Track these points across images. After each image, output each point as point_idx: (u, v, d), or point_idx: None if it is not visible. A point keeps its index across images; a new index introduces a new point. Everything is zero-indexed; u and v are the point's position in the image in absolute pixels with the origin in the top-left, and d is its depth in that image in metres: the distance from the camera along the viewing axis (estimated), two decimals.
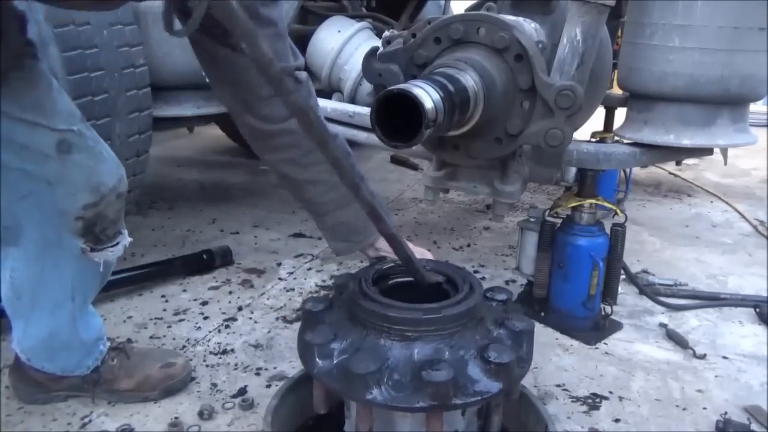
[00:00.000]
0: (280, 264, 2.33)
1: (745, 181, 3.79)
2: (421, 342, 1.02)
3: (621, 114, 2.09)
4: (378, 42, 1.86)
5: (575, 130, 1.63)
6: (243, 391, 1.53)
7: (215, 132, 4.21)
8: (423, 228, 2.79)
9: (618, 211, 1.80)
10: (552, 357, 1.73)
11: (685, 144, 1.72)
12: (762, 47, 1.62)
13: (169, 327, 1.84)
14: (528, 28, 1.54)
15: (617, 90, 2.11)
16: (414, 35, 1.53)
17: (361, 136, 2.04)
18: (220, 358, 1.68)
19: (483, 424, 1.16)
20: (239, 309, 1.97)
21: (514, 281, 2.20)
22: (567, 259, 1.80)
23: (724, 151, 3.22)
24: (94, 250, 1.31)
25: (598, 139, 2.21)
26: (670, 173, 3.90)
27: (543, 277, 1.86)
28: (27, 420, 1.41)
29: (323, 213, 1.41)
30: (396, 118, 1.13)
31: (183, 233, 2.60)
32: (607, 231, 1.80)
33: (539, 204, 3.14)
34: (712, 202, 3.33)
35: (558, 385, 1.59)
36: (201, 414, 1.42)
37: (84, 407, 1.45)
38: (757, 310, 2.00)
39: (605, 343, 1.81)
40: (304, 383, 1.26)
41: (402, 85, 1.13)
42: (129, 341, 1.69)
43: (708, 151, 1.84)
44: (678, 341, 1.80)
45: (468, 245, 2.58)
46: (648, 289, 2.07)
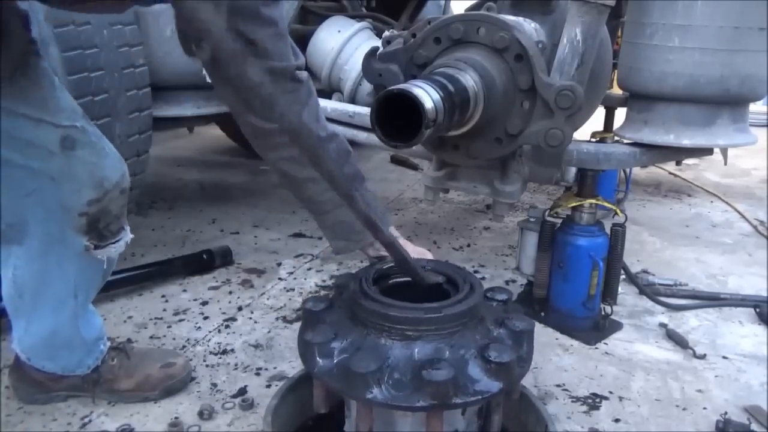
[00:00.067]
0: (280, 264, 2.33)
1: (745, 181, 3.79)
2: (422, 341, 1.02)
3: (621, 114, 2.09)
4: (378, 42, 1.87)
5: (575, 130, 1.63)
6: (243, 391, 1.53)
7: (215, 132, 4.21)
8: (423, 228, 2.79)
9: (618, 211, 1.80)
10: (552, 357, 1.73)
11: (685, 144, 1.72)
12: (762, 47, 1.62)
13: (169, 327, 1.84)
14: (528, 28, 1.54)
15: (617, 90, 2.11)
16: (414, 35, 1.53)
17: (361, 136, 2.04)
18: (220, 358, 1.68)
19: (483, 423, 1.16)
20: (239, 309, 1.97)
21: (514, 281, 2.20)
22: (567, 259, 1.80)
23: (724, 151, 3.22)
24: (97, 247, 1.31)
25: (598, 139, 2.21)
26: (670, 173, 3.90)
27: (543, 277, 1.86)
28: (27, 420, 1.41)
29: (323, 212, 1.41)
30: (396, 118, 1.13)
31: (183, 233, 2.60)
32: (607, 231, 1.80)
33: (539, 204, 3.14)
34: (712, 202, 3.33)
35: (558, 385, 1.59)
36: (201, 414, 1.42)
37: (84, 407, 1.45)
38: (757, 310, 2.00)
39: (605, 343, 1.81)
40: (304, 383, 1.26)
41: (402, 85, 1.13)
42: (129, 341, 1.69)
43: (708, 151, 1.85)
44: (678, 341, 1.80)
45: (468, 245, 2.58)
46: (648, 289, 2.07)
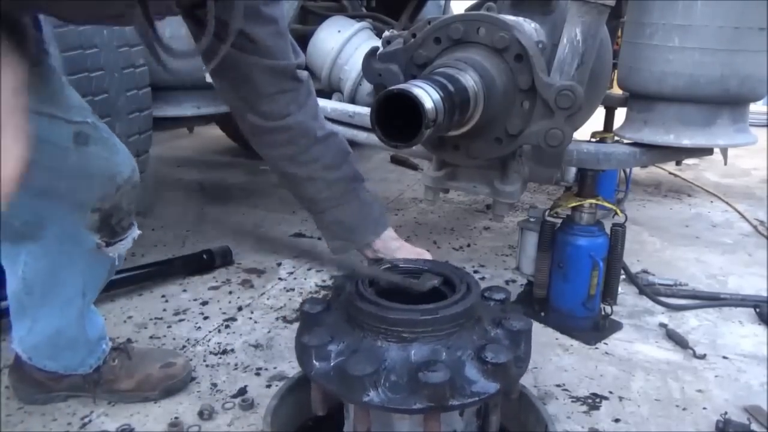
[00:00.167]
0: (280, 264, 2.33)
1: (745, 181, 3.79)
2: (418, 343, 1.01)
3: (621, 114, 2.09)
4: (378, 42, 1.86)
5: (575, 130, 1.63)
6: (243, 391, 1.53)
7: (215, 132, 4.21)
8: (423, 228, 2.79)
9: (618, 211, 1.80)
10: (552, 357, 1.73)
11: (685, 144, 1.72)
12: (762, 47, 1.62)
13: (169, 327, 1.84)
14: (528, 28, 1.54)
15: (617, 90, 2.11)
16: (414, 35, 1.53)
17: (361, 136, 2.03)
18: (220, 358, 1.68)
19: (482, 424, 1.16)
20: (239, 309, 1.97)
21: (514, 281, 2.20)
22: (567, 259, 1.80)
23: (724, 151, 3.22)
24: (108, 244, 1.32)
25: (598, 139, 2.20)
26: (670, 173, 3.90)
27: (543, 277, 1.86)
28: (27, 420, 1.41)
29: (321, 210, 1.42)
30: (396, 118, 1.13)
31: (183, 233, 2.60)
32: (607, 231, 1.80)
33: (539, 204, 3.14)
34: (712, 202, 3.33)
35: (558, 385, 1.59)
36: (201, 414, 1.42)
37: (84, 407, 1.45)
38: (757, 310, 1.99)
39: (605, 343, 1.81)
40: (304, 383, 1.26)
41: (402, 85, 1.13)
42: (129, 341, 1.69)
43: (708, 151, 1.84)
44: (678, 341, 1.80)
45: (468, 245, 2.58)
46: (648, 289, 2.07)
